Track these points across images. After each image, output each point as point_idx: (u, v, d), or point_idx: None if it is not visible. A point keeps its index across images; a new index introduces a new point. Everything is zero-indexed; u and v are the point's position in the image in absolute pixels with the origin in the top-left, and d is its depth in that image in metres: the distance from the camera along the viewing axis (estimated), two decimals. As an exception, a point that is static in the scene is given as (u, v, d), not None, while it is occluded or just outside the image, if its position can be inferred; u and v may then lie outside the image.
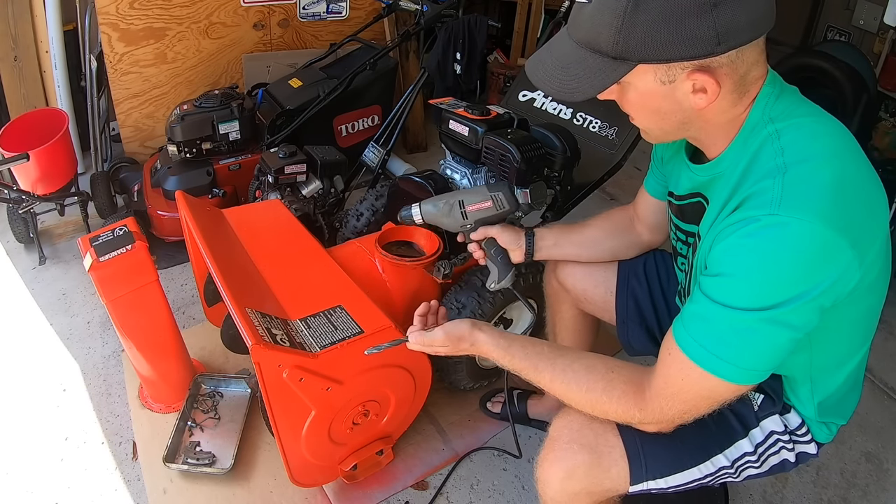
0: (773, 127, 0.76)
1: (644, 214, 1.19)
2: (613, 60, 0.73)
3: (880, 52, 2.69)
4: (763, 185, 0.72)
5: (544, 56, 0.82)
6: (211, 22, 2.51)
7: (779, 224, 0.68)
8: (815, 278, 0.69)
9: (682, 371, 0.76)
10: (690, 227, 0.95)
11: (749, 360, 0.73)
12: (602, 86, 0.75)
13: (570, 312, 1.38)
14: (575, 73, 0.77)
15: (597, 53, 0.74)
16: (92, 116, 2.53)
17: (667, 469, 0.92)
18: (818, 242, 0.68)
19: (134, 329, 1.45)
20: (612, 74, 0.74)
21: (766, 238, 0.69)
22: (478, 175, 1.63)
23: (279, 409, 1.15)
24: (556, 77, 0.79)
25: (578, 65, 0.76)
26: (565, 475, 0.91)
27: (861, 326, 0.85)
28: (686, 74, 0.72)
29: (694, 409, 0.79)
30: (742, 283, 0.71)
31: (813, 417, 0.94)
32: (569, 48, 0.78)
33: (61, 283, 2.09)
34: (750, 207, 0.72)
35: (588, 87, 0.76)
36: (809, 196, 0.68)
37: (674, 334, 0.78)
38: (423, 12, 2.26)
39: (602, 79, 0.75)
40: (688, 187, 0.93)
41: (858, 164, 0.74)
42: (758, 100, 0.77)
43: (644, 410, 0.81)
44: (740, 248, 0.71)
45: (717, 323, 0.73)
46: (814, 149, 0.72)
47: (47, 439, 1.54)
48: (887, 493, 1.52)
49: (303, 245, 1.48)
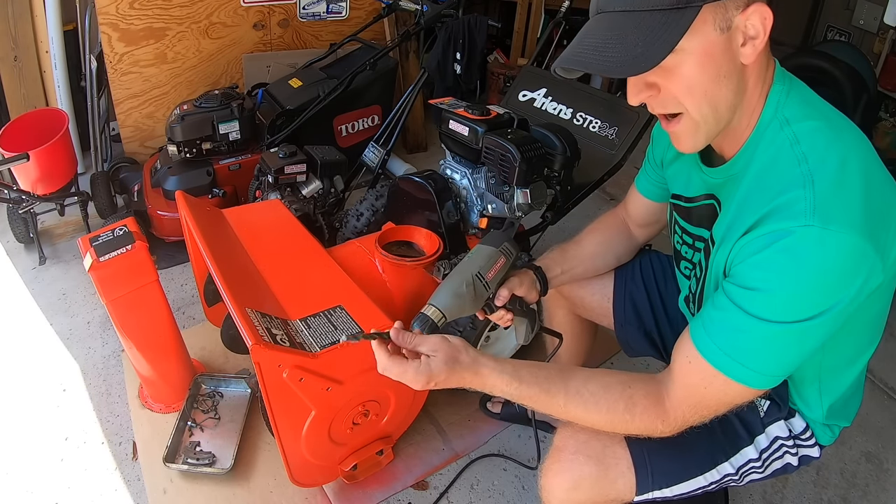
0: (790, 130, 0.74)
1: (637, 214, 1.18)
2: (675, 11, 0.68)
3: (880, 52, 2.70)
4: (792, 196, 0.70)
5: (586, 42, 0.74)
6: (211, 22, 2.51)
7: (814, 237, 0.67)
8: (848, 287, 0.69)
9: (705, 379, 0.75)
10: (700, 230, 0.94)
11: (775, 367, 0.73)
12: (673, 41, 0.67)
13: (568, 318, 1.37)
14: (634, 41, 0.69)
15: (653, 11, 0.68)
16: (92, 116, 2.53)
17: (673, 479, 0.92)
18: (852, 252, 0.67)
19: (134, 329, 1.45)
20: (680, 24, 0.67)
21: (803, 253, 0.68)
22: (478, 175, 1.63)
23: (279, 409, 1.15)
24: (612, 54, 0.70)
25: (635, 31, 0.69)
26: (571, 486, 0.91)
27: (871, 327, 0.85)
28: (741, 12, 0.69)
29: (714, 413, 0.79)
30: (779, 297, 0.70)
31: (819, 420, 0.93)
32: (615, 20, 0.71)
33: (61, 283, 2.09)
34: (781, 219, 0.70)
35: (658, 49, 0.68)
36: (842, 205, 0.68)
37: (694, 341, 0.76)
38: (423, 12, 2.26)
39: (670, 33, 0.67)
40: (700, 190, 0.92)
41: (876, 165, 0.73)
42: (770, 96, 0.76)
43: (667, 422, 0.80)
44: (776, 262, 0.70)
45: (748, 334, 0.72)
46: (836, 153, 0.71)
47: (47, 439, 1.54)
48: (887, 493, 1.52)
49: (303, 245, 1.48)
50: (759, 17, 0.69)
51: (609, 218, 1.23)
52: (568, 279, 1.18)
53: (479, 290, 0.96)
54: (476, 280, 0.96)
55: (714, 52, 0.70)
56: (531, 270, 1.09)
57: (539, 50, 2.30)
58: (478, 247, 1.01)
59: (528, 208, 1.60)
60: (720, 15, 0.68)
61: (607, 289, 1.24)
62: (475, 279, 0.96)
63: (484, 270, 0.97)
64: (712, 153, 0.87)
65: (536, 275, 1.09)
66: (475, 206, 1.64)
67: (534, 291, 1.08)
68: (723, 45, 0.70)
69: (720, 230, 0.83)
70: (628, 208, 1.20)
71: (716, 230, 0.85)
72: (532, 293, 1.08)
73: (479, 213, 1.64)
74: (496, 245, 1.01)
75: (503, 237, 1.03)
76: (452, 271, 0.98)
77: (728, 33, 0.70)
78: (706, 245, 0.90)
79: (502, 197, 1.60)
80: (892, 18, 2.28)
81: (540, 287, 1.09)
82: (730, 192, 0.83)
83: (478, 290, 0.96)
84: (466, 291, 0.94)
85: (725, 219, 0.82)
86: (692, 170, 0.93)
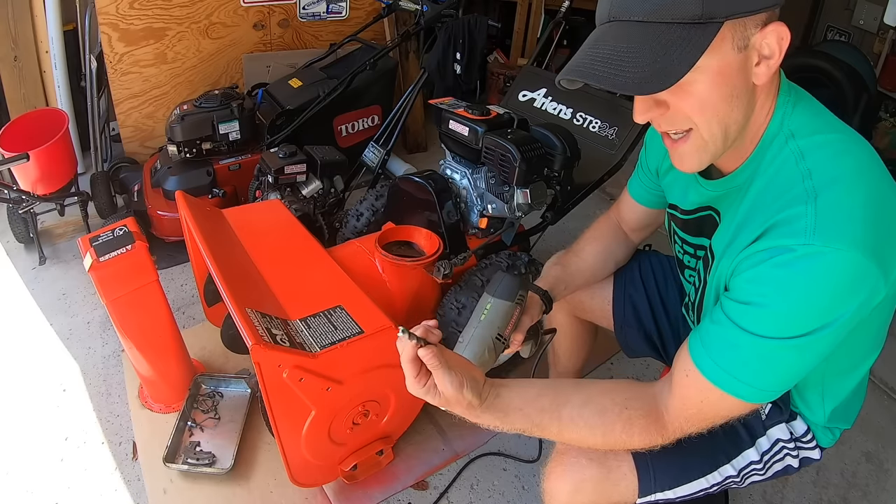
0: (795, 144, 0.73)
1: (631, 219, 1.17)
2: (697, 26, 0.64)
3: (880, 52, 2.70)
4: (794, 212, 0.68)
5: (596, 53, 0.69)
6: (211, 22, 2.52)
7: (814, 255, 0.66)
8: (847, 305, 0.68)
9: (700, 393, 0.75)
10: (699, 240, 0.93)
11: (771, 382, 0.72)
12: (693, 58, 0.64)
13: (567, 319, 1.37)
14: (652, 56, 0.65)
15: (673, 24, 0.65)
16: (92, 116, 2.53)
17: (675, 481, 0.92)
18: (852, 271, 0.66)
19: (134, 329, 1.45)
20: (701, 41, 0.64)
21: (802, 269, 0.66)
22: (478, 175, 1.63)
23: (279, 409, 1.15)
24: (628, 70, 0.65)
25: (653, 44, 0.65)
26: (573, 488, 0.91)
27: (876, 335, 0.85)
28: (759, 31, 0.66)
29: (712, 425, 0.79)
30: (774, 313, 0.69)
31: (820, 423, 0.93)
32: (631, 31, 0.67)
33: (61, 283, 2.09)
34: (781, 235, 0.69)
35: (678, 67, 0.64)
36: (843, 223, 0.66)
37: (692, 355, 0.76)
38: (423, 12, 2.26)
39: (690, 50, 0.64)
40: (697, 202, 0.91)
41: (883, 179, 0.72)
42: (776, 109, 0.75)
43: (665, 436, 0.79)
44: (773, 278, 0.69)
45: (743, 349, 0.71)
46: (841, 169, 0.70)
47: (47, 439, 1.54)
48: (887, 493, 1.52)
49: (303, 245, 1.48)
50: (777, 37, 0.67)
51: (604, 224, 1.21)
52: (570, 292, 1.17)
53: (498, 349, 0.93)
54: (496, 342, 0.93)
55: (730, 71, 0.68)
56: (536, 295, 1.07)
57: (539, 50, 2.30)
58: (494, 302, 0.94)
59: (528, 208, 1.60)
60: (739, 33, 0.66)
61: (607, 291, 1.24)
62: (495, 342, 0.92)
63: (503, 329, 0.94)
64: (711, 166, 0.87)
65: (543, 299, 1.07)
66: (475, 206, 1.64)
67: (539, 313, 1.06)
68: (739, 64, 0.68)
69: (721, 243, 0.82)
70: (622, 213, 1.19)
71: (716, 242, 0.84)
72: (537, 315, 1.06)
73: (479, 213, 1.64)
74: (511, 298, 0.95)
75: (516, 284, 0.96)
76: (472, 335, 0.92)
77: (745, 52, 0.67)
78: (706, 254, 0.90)
79: (502, 197, 1.60)
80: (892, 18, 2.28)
81: (545, 306, 1.07)
82: (730, 204, 0.82)
83: (497, 349, 0.93)
84: (488, 357, 0.91)
85: (727, 232, 0.81)
86: (689, 182, 0.92)
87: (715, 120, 0.71)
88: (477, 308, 0.96)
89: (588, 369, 1.71)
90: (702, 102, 0.69)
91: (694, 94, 0.68)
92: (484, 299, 0.95)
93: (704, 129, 0.72)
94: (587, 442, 0.80)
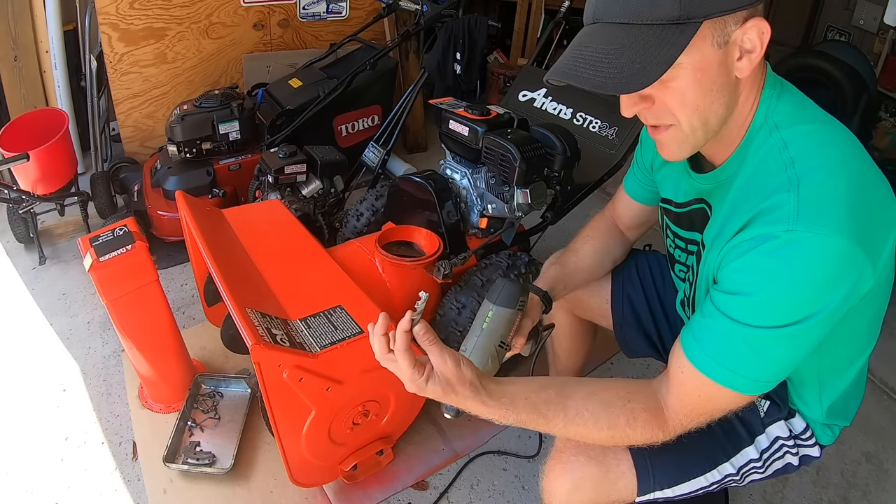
0: (779, 135, 0.74)
1: (626, 216, 1.18)
2: (675, 26, 0.66)
3: (880, 52, 2.69)
4: (777, 200, 0.69)
5: (580, 54, 0.71)
6: (211, 22, 2.52)
7: (798, 240, 0.66)
8: (835, 292, 0.68)
9: (697, 388, 0.75)
10: (692, 234, 0.94)
11: (766, 373, 0.72)
12: (671, 58, 0.66)
13: (567, 318, 1.37)
14: (632, 56, 0.67)
15: (653, 25, 0.67)
16: (92, 116, 2.53)
17: (674, 479, 0.92)
18: (837, 256, 0.66)
19: (134, 329, 1.45)
20: (680, 40, 0.66)
21: (786, 256, 0.67)
22: (478, 175, 1.63)
23: (279, 409, 1.15)
24: (608, 71, 0.68)
25: (633, 45, 0.67)
26: (572, 487, 0.91)
27: (869, 327, 0.85)
28: (739, 27, 0.68)
29: (711, 419, 0.79)
30: (762, 302, 0.69)
31: (819, 420, 0.93)
32: (612, 32, 0.69)
33: (61, 283, 2.09)
34: (765, 223, 0.70)
35: (655, 67, 0.66)
36: (826, 208, 0.67)
37: (685, 350, 0.76)
38: (423, 12, 2.26)
39: (668, 50, 0.66)
40: (690, 195, 0.92)
41: (866, 167, 0.73)
42: (761, 102, 0.76)
43: (666, 430, 0.80)
44: (759, 266, 0.69)
45: (734, 340, 0.71)
46: (824, 158, 0.71)
47: (47, 439, 1.54)
48: (887, 493, 1.52)
49: (303, 245, 1.48)
50: (757, 32, 0.68)
51: (600, 222, 1.22)
52: (569, 291, 1.17)
53: (501, 356, 0.94)
54: (499, 349, 0.93)
55: (710, 67, 0.69)
56: (536, 296, 1.07)
57: (539, 50, 2.30)
58: (495, 310, 0.93)
59: (528, 208, 1.60)
60: (719, 30, 0.68)
61: (605, 290, 1.24)
62: (498, 350, 0.92)
63: (505, 336, 0.94)
64: (701, 159, 0.87)
65: (543, 300, 1.07)
66: (475, 206, 1.64)
67: (539, 314, 1.07)
68: (719, 59, 0.69)
69: (710, 235, 0.83)
70: (617, 211, 1.19)
71: (706, 234, 0.85)
72: (538, 316, 1.06)
73: (479, 213, 1.64)
74: (513, 305, 0.93)
75: (517, 291, 0.94)
76: (475, 343, 0.92)
77: (725, 48, 0.69)
78: (699, 248, 0.90)
79: (502, 197, 1.60)
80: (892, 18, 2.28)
81: (545, 307, 1.07)
82: (720, 197, 0.82)
83: (500, 356, 0.93)
84: (492, 366, 0.91)
85: (715, 224, 0.82)
86: (681, 175, 0.93)
87: (696, 114, 0.73)
88: (478, 316, 0.95)
89: (588, 369, 1.71)
90: (682, 97, 0.71)
91: (675, 89, 0.70)
92: (485, 307, 0.95)
93: (685, 122, 0.74)
94: (592, 435, 0.80)
